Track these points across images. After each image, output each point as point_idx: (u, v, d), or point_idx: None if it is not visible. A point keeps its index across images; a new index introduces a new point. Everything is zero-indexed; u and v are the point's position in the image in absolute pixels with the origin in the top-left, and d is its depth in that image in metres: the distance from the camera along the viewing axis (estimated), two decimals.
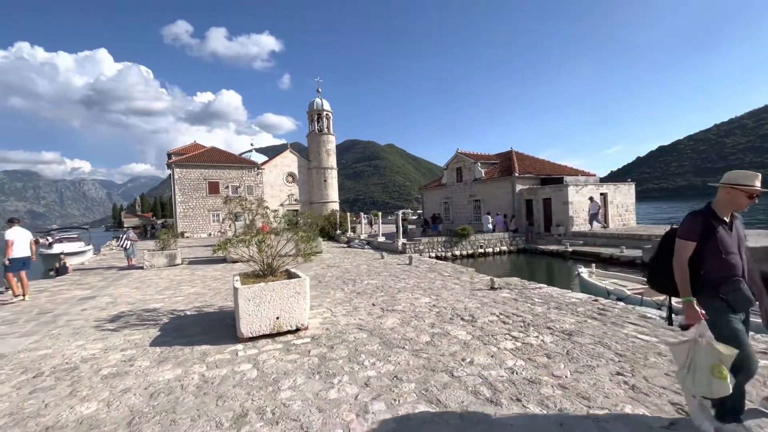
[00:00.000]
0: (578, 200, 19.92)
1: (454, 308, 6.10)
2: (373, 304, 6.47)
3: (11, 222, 7.95)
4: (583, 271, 9.42)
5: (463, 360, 3.91)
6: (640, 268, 13.13)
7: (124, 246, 13.71)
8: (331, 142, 46.50)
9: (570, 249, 17.06)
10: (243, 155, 47.24)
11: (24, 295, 7.87)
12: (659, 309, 6.21)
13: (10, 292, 7.93)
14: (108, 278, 10.69)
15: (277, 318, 4.80)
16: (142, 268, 12.34)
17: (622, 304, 6.23)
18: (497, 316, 5.62)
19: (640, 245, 15.32)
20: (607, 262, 14.65)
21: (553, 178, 23.07)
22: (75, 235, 24.47)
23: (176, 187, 35.14)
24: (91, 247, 22.38)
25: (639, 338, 4.45)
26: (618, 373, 3.51)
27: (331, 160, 46.02)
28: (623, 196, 21.87)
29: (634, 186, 22.56)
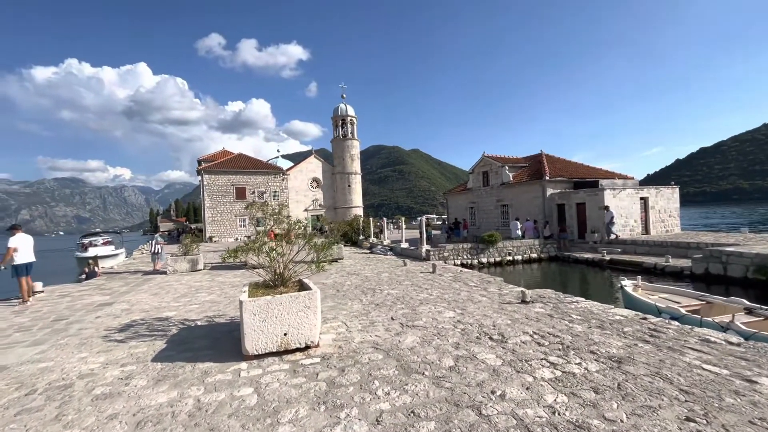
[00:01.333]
0: (615, 205, 18.62)
1: (481, 325, 5.51)
2: (392, 318, 5.97)
3: (14, 229, 8.06)
4: (628, 284, 8.50)
5: (493, 393, 3.34)
6: (690, 280, 11.94)
7: (153, 251, 13.89)
8: (355, 147, 46.50)
9: (607, 257, 15.88)
10: (270, 161, 48.08)
11: (28, 299, 8.13)
12: (724, 331, 5.36)
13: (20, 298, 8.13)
14: (131, 283, 10.75)
15: (285, 334, 4.39)
16: (165, 272, 12.40)
17: (676, 324, 5.43)
18: (531, 335, 4.99)
19: (688, 254, 14.01)
20: (650, 273, 13.46)
21: (587, 181, 21.79)
22: (108, 239, 25.43)
23: (205, 192, 36.05)
24: (123, 250, 23.13)
25: (705, 369, 3.72)
26: (688, 419, 2.84)
27: (355, 165, 45.99)
28: (666, 200, 20.31)
29: (677, 190, 20.93)
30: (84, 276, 12.50)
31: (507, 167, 25.07)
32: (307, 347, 4.53)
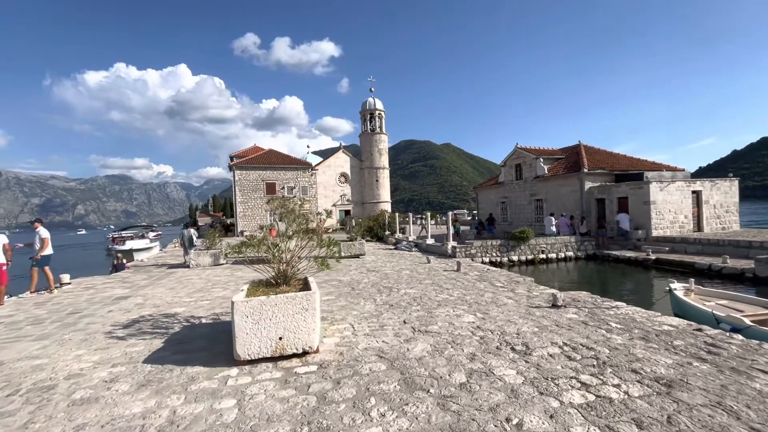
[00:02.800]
0: (663, 199, 17.01)
1: (503, 332, 4.90)
2: (405, 322, 5.47)
3: (37, 222, 8.24)
4: (678, 287, 7.46)
5: (508, 421, 2.78)
6: (752, 284, 10.56)
7: (183, 244, 14.08)
8: (384, 142, 46.04)
9: (653, 257, 14.49)
10: (300, 158, 48.65)
11: (54, 287, 8.51)
12: None
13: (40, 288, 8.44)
14: (153, 276, 10.91)
15: (280, 338, 4.02)
16: (188, 266, 12.55)
17: (740, 338, 4.57)
18: (560, 347, 4.33)
19: (750, 254, 12.46)
20: (703, 275, 12.08)
21: (631, 174, 20.10)
22: (143, 233, 26.56)
23: (237, 187, 36.96)
24: (157, 243, 24.04)
25: None
26: None
27: (383, 160, 45.56)
28: (723, 194, 18.34)
29: (737, 183, 18.85)
30: (112, 269, 12.90)
31: (542, 159, 23.69)
32: (305, 353, 4.13)
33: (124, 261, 13.10)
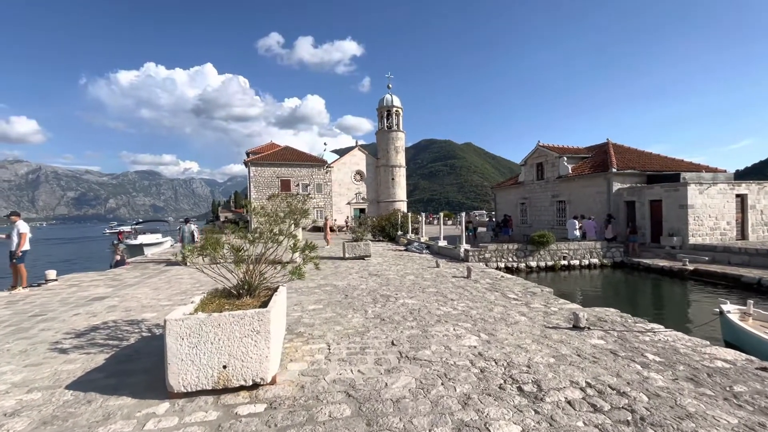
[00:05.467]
0: (702, 203, 15.40)
1: (510, 363, 3.97)
2: (393, 343, 4.60)
3: (15, 216, 7.78)
4: (731, 310, 6.18)
5: None
6: None
7: (183, 240, 13.66)
8: (401, 139, 45.06)
9: (690, 267, 13.02)
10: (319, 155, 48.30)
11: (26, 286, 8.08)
12: None
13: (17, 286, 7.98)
14: (145, 274, 10.43)
15: (225, 367, 3.23)
16: (186, 264, 12.03)
17: None
18: (582, 389, 3.38)
19: None
20: (750, 290, 10.62)
21: (665, 174, 18.43)
22: (156, 228, 26.65)
23: (251, 184, 36.85)
24: (168, 238, 24.00)
25: None
26: None
27: (400, 158, 44.60)
28: None
29: None
30: (112, 264, 12.56)
31: (565, 158, 22.20)
32: (257, 385, 3.33)
33: (125, 256, 12.75)
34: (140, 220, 34.20)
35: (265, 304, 3.67)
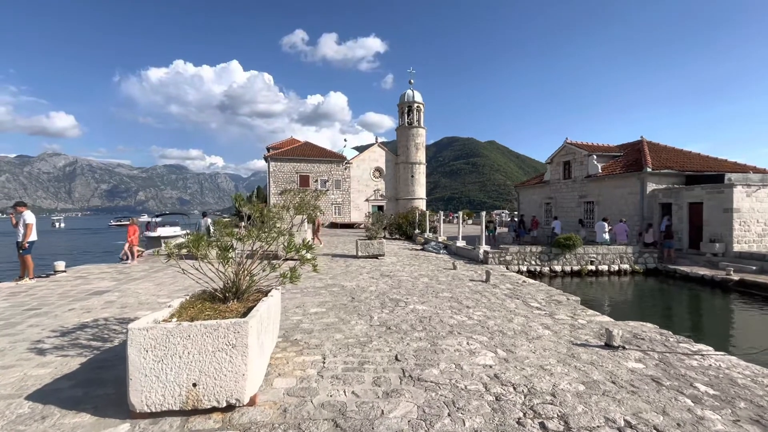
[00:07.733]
0: (749, 207, 14.06)
1: (530, 390, 3.37)
2: (396, 358, 4.06)
3: (22, 206, 7.66)
4: None
5: None
6: None
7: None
8: (421, 136, 44.21)
9: (735, 277, 11.85)
10: (338, 151, 48.15)
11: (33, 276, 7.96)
12: None
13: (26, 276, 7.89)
14: (154, 268, 10.29)
15: (194, 385, 2.79)
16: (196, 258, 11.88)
17: None
18: (619, 429, 2.75)
19: None
20: None
21: (707, 175, 17.03)
22: (175, 221, 27.02)
23: (271, 179, 37.00)
24: (187, 231, 24.23)
25: None
26: None
27: (420, 155, 43.77)
28: None
29: None
30: (127, 256, 12.53)
31: (595, 156, 20.96)
32: (231, 407, 2.88)
33: (135, 249, 12.69)
34: (159, 213, 34.93)
35: (248, 312, 3.22)
